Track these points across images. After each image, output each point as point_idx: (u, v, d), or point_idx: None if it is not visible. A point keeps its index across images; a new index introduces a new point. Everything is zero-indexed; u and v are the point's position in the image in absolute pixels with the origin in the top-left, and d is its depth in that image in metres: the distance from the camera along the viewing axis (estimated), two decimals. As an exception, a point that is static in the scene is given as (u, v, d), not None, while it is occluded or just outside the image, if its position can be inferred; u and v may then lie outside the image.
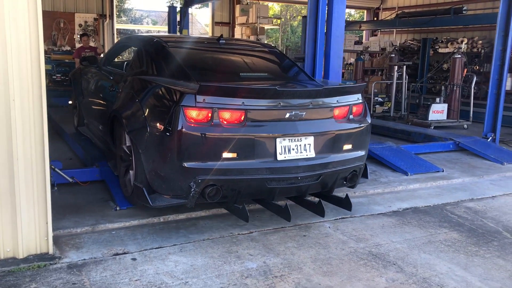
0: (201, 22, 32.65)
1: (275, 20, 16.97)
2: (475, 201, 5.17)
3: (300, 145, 3.85)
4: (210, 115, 3.57)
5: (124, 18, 29.76)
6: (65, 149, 6.59)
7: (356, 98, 4.24)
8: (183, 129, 3.51)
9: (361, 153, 4.27)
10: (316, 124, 3.94)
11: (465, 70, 10.10)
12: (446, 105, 9.75)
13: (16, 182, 3.29)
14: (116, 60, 6.23)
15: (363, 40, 18.73)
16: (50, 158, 3.46)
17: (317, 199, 4.33)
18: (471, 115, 9.92)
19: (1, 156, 3.24)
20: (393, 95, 10.77)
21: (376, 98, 11.07)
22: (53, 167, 4.69)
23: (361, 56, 14.86)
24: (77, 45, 13.51)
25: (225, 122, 3.61)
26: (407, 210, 4.78)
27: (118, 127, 4.54)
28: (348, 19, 28.25)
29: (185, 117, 3.53)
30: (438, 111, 9.65)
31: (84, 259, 3.44)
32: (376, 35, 18.28)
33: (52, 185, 4.56)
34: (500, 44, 7.50)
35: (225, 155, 3.61)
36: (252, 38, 15.17)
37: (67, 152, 6.42)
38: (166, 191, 3.80)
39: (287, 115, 3.77)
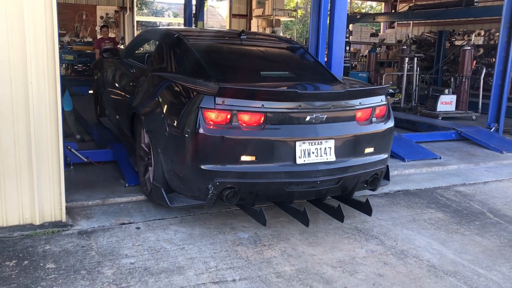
0: (222, 14, 33.01)
1: (290, 13, 17.15)
2: (466, 185, 5.40)
3: (320, 148, 3.72)
4: (229, 117, 3.51)
5: (145, 11, 30.33)
6: (82, 132, 7.00)
7: (380, 99, 4.07)
8: (202, 131, 3.46)
9: (383, 156, 4.12)
10: (337, 127, 3.80)
11: (475, 62, 10.18)
12: (454, 97, 9.87)
13: (33, 157, 3.69)
14: (137, 52, 6.21)
15: (380, 33, 18.84)
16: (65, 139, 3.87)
17: (335, 202, 4.20)
18: (479, 107, 10.03)
19: (20, 133, 3.64)
20: (403, 87, 10.93)
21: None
22: (69, 147, 5.12)
23: (376, 48, 15.00)
24: (98, 37, 14.02)
25: (244, 125, 3.54)
26: (398, 192, 5.05)
27: (138, 125, 4.55)
28: (369, 12, 28.26)
29: (204, 119, 3.48)
30: (446, 102, 9.78)
31: (93, 227, 3.84)
32: (393, 28, 18.35)
33: (68, 164, 5.01)
34: (505, 36, 7.62)
35: (244, 158, 3.54)
36: (268, 30, 15.45)
37: (84, 135, 6.83)
38: (184, 191, 3.80)
39: (308, 118, 3.66)
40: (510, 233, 4.14)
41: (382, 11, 20.08)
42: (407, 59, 10.93)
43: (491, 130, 7.78)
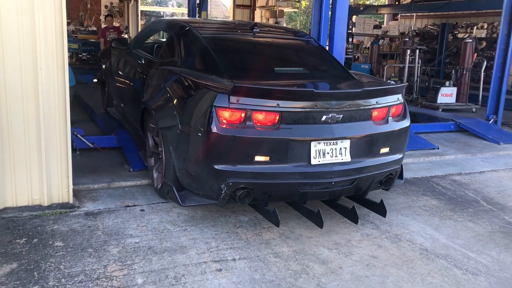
0: (226, 5, 33.00)
1: (294, 4, 17.20)
2: (462, 175, 5.53)
3: (335, 148, 3.63)
4: (243, 116, 3.42)
5: (149, 0, 30.36)
6: (88, 120, 7.15)
7: (396, 98, 3.96)
8: (215, 131, 3.38)
9: (399, 156, 4.02)
10: (353, 127, 3.70)
11: (475, 54, 10.25)
12: (455, 89, 9.96)
13: (42, 141, 3.83)
14: (146, 42, 6.03)
15: (384, 25, 18.87)
16: (72, 125, 4.00)
17: (348, 202, 4.17)
18: (480, 99, 10.13)
19: (30, 118, 3.78)
20: (405, 78, 11.02)
21: (388, 81, 11.32)
22: (75, 133, 5.26)
23: (379, 40, 15.05)
24: (103, 26, 14.13)
25: (258, 124, 3.45)
26: (395, 180, 5.18)
27: (148, 120, 4.48)
28: (373, 3, 28.23)
29: (218, 118, 3.39)
30: (447, 94, 9.88)
31: (99, 209, 3.99)
32: (396, 20, 18.38)
33: (75, 150, 5.15)
34: (506, 28, 7.70)
35: (258, 158, 3.45)
36: (271, 21, 15.52)
37: (89, 122, 6.98)
38: (196, 190, 3.74)
39: (324, 118, 3.56)
40: (502, 220, 4.28)
41: (386, 3, 20.11)
42: (409, 51, 11.01)
43: (490, 122, 7.89)
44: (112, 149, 5.53)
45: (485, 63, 10.20)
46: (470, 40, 10.08)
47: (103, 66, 7.11)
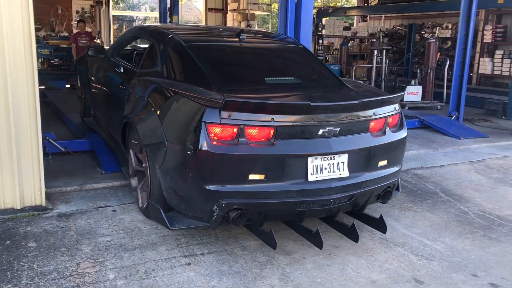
0: (199, 8, 33.09)
1: (265, 6, 17.45)
2: (423, 169, 5.79)
3: (333, 163, 3.45)
4: (236, 132, 3.20)
5: (122, 5, 30.21)
6: (61, 125, 7.20)
7: (393, 108, 3.80)
8: (206, 148, 3.16)
9: (397, 168, 3.88)
10: (350, 140, 3.52)
11: (438, 54, 10.63)
12: (420, 87, 10.32)
13: (14, 147, 3.92)
14: (125, 49, 5.79)
15: (354, 26, 19.27)
16: (43, 131, 4.09)
17: (347, 217, 4.07)
18: (444, 96, 10.50)
19: (0, 123, 3.86)
20: (373, 78, 11.34)
21: (357, 81, 11.64)
22: (47, 138, 5.34)
23: (348, 42, 15.40)
24: (74, 31, 14.09)
25: (252, 141, 3.24)
26: (360, 176, 5.41)
27: (130, 134, 4.22)
28: (345, 5, 28.72)
29: (208, 134, 3.17)
30: (413, 93, 10.22)
31: (72, 210, 4.09)
32: (366, 21, 18.80)
33: (47, 154, 5.23)
34: (464, 29, 8.06)
35: (252, 177, 3.24)
36: (243, 24, 15.72)
37: (62, 127, 7.03)
38: (185, 211, 3.51)
39: (320, 132, 3.37)
40: (458, 209, 4.54)
41: (356, 5, 20.53)
42: (376, 52, 11.34)
43: (452, 118, 8.23)
44: (84, 152, 5.62)
45: (448, 62, 10.59)
46: (433, 40, 10.45)
47: (79, 75, 6.82)
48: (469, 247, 3.78)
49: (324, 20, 16.09)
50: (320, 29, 14.77)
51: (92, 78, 6.00)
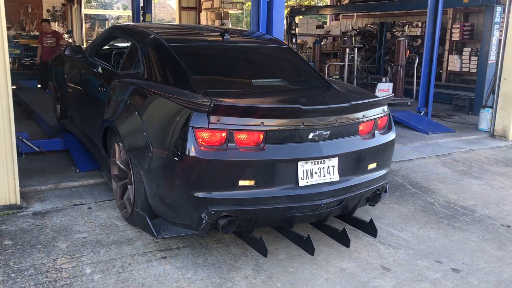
0: (173, 6, 32.93)
1: (239, 5, 17.53)
2: (392, 163, 5.97)
3: (323, 167, 3.39)
4: (224, 137, 3.11)
5: (94, 3, 29.87)
6: (34, 125, 7.16)
7: (382, 110, 3.79)
8: (194, 154, 3.05)
9: (386, 171, 3.87)
10: (341, 143, 3.47)
11: (408, 51, 10.92)
12: (391, 84, 10.56)
13: (-13, 145, 3.93)
14: (103, 49, 5.60)
15: (327, 25, 19.53)
16: (17, 130, 4.11)
17: (337, 223, 4.02)
18: (414, 93, 10.79)
19: (-27, 122, 3.87)
20: (345, 76, 11.57)
21: (330, 78, 11.86)
22: (20, 138, 5.32)
23: (321, 40, 15.62)
24: (45, 30, 13.90)
25: (241, 146, 3.15)
26: (331, 170, 5.57)
27: (112, 139, 4.09)
28: (319, 3, 28.99)
29: (196, 139, 3.06)
30: (384, 90, 10.44)
31: (47, 209, 4.12)
32: (338, 20, 19.08)
33: (20, 154, 5.22)
34: (431, 27, 8.33)
35: (242, 183, 3.16)
36: (217, 23, 15.77)
37: (35, 127, 6.99)
38: (172, 218, 3.39)
39: (311, 135, 3.31)
40: (424, 201, 4.74)
41: (328, 4, 20.80)
42: (348, 50, 11.56)
43: (421, 114, 8.49)
44: (59, 151, 5.63)
45: (417, 59, 10.87)
46: (403, 38, 10.73)
47: (55, 75, 6.54)
48: (434, 235, 3.97)
49: (297, 19, 16.27)
50: (293, 27, 14.95)
51: (69, 79, 5.83)
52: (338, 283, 3.20)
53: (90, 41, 7.65)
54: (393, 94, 3.84)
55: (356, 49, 11.67)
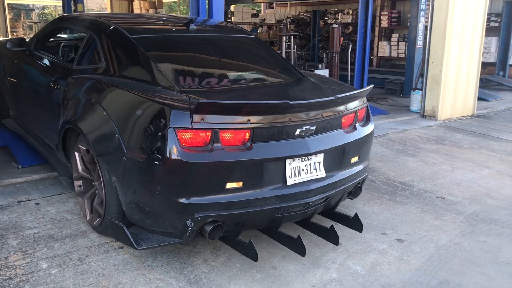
0: (101, -4, 31.74)
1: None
2: (334, 145, 6.26)
3: (310, 164, 3.29)
4: (209, 137, 2.90)
5: (16, -7, 28.15)
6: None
7: (362, 101, 3.73)
8: (176, 157, 2.82)
9: (366, 163, 3.84)
10: (326, 138, 3.36)
11: (342, 38, 11.30)
12: (327, 71, 10.89)
13: None
14: (51, 41, 5.20)
15: (261, 13, 19.72)
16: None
17: (324, 220, 3.88)
18: (348, 79, 11.22)
19: None
20: (283, 63, 11.80)
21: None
22: (-47, 135, 5.04)
23: (257, 28, 15.79)
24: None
25: (228, 145, 2.96)
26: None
27: (73, 142, 3.80)
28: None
29: (178, 141, 2.83)
30: (320, 76, 10.80)
31: (-9, 207, 3.98)
32: (272, 8, 19.33)
33: (-47, 153, 4.95)
34: (363, 14, 8.69)
35: (229, 185, 2.98)
36: (151, 11, 15.47)
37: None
38: (151, 226, 3.11)
39: (298, 132, 3.18)
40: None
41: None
42: (284, 38, 11.78)
43: (357, 98, 8.85)
44: (-5, 149, 5.40)
45: (350, 46, 11.29)
46: (337, 26, 11.06)
47: None
48: (377, 210, 4.24)
49: (232, 7, 16.31)
50: (229, 16, 14.98)
51: (12, 74, 5.29)
52: (293, 259, 3.35)
53: (24, 33, 7.26)
54: (373, 85, 3.76)
55: (292, 37, 11.91)
